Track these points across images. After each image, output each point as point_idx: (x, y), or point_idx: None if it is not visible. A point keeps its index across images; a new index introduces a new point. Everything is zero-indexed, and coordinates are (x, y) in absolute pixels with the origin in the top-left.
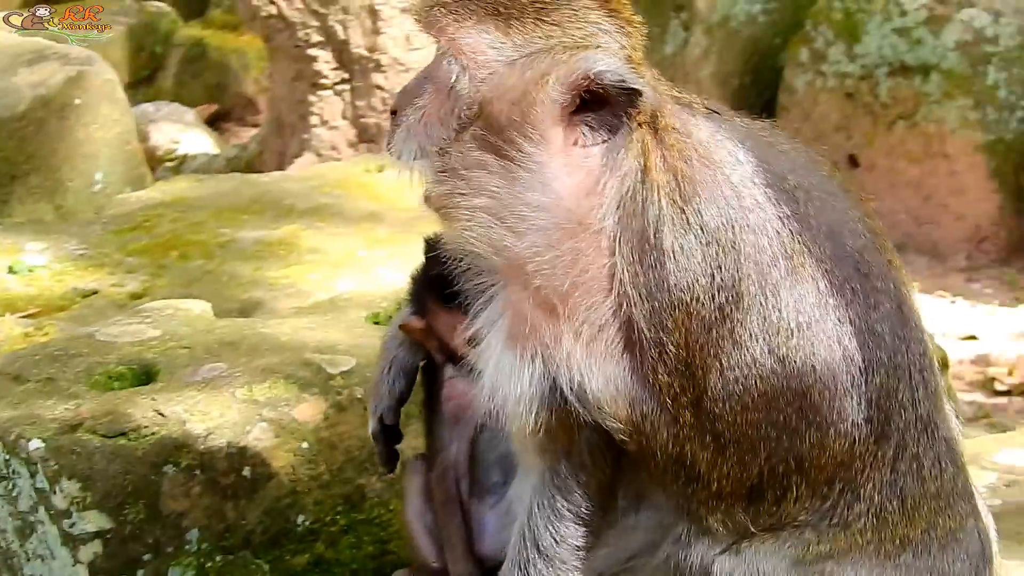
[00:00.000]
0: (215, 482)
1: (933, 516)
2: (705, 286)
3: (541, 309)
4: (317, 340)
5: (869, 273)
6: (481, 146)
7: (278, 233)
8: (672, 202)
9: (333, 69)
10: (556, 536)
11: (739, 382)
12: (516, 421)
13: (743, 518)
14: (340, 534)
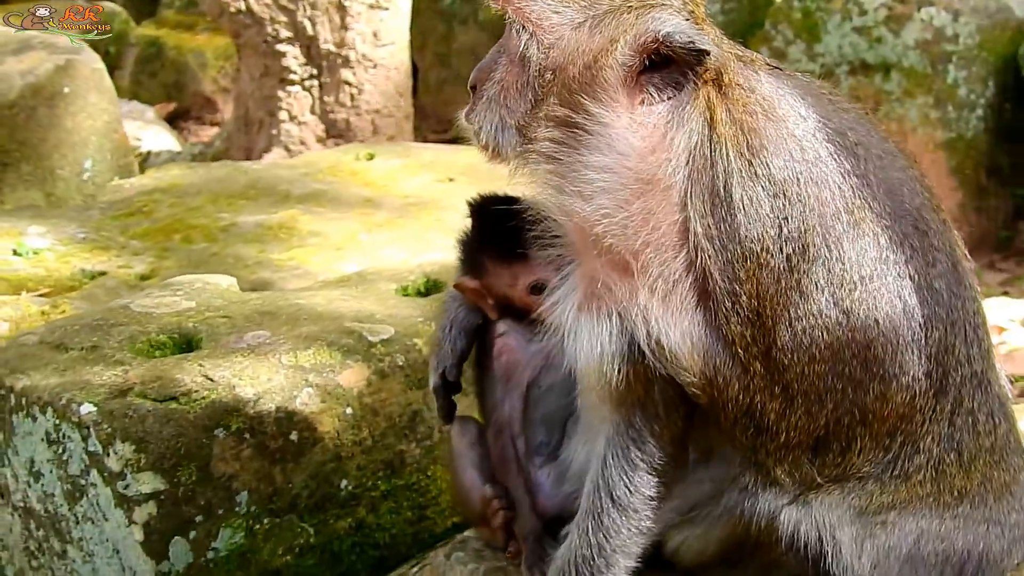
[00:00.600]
0: (264, 446)
1: (988, 469)
2: (773, 237)
3: (615, 269)
4: (354, 310)
5: (927, 231)
6: (555, 113)
7: (277, 217)
8: (740, 155)
9: (302, 65)
10: (630, 486)
11: (806, 333)
12: (595, 378)
13: (809, 469)
14: (381, 499)
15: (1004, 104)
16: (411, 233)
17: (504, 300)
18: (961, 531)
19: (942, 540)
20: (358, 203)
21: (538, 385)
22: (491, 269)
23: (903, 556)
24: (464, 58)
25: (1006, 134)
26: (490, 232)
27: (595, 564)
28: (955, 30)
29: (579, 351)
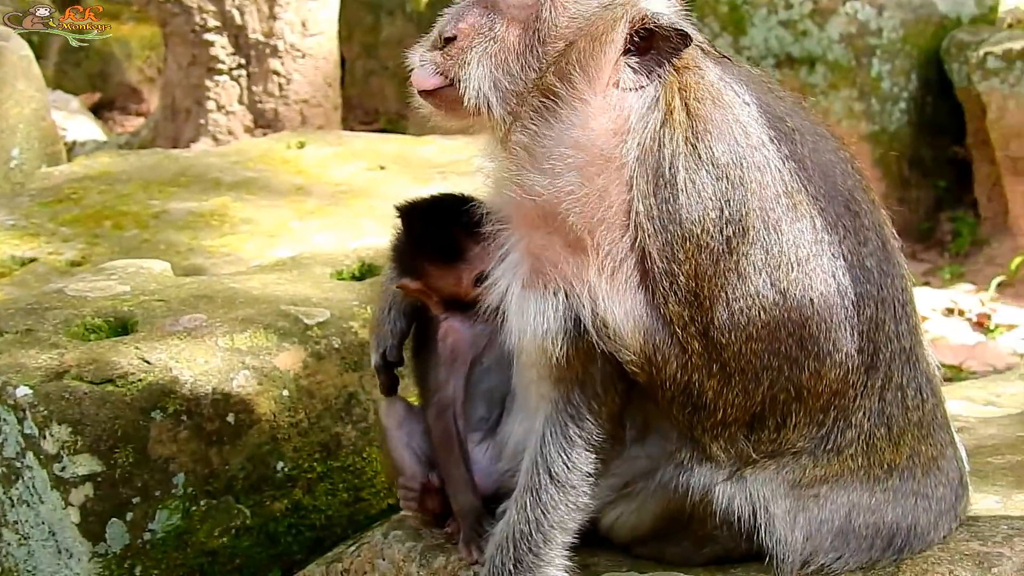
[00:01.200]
0: (201, 428)
1: (916, 443)
2: (714, 219)
3: (567, 246)
4: (289, 294)
5: (858, 211)
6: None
7: (208, 205)
8: (686, 139)
9: (230, 54)
10: (568, 462)
11: (744, 313)
12: (537, 355)
13: (745, 445)
14: (317, 481)
15: (927, 97)
16: (343, 220)
17: (450, 297)
18: (891, 504)
19: (872, 513)
20: (289, 191)
21: (480, 362)
22: (432, 272)
23: (835, 529)
24: (391, 49)
25: (928, 127)
26: (426, 238)
27: (533, 539)
28: (879, 24)
29: (523, 327)
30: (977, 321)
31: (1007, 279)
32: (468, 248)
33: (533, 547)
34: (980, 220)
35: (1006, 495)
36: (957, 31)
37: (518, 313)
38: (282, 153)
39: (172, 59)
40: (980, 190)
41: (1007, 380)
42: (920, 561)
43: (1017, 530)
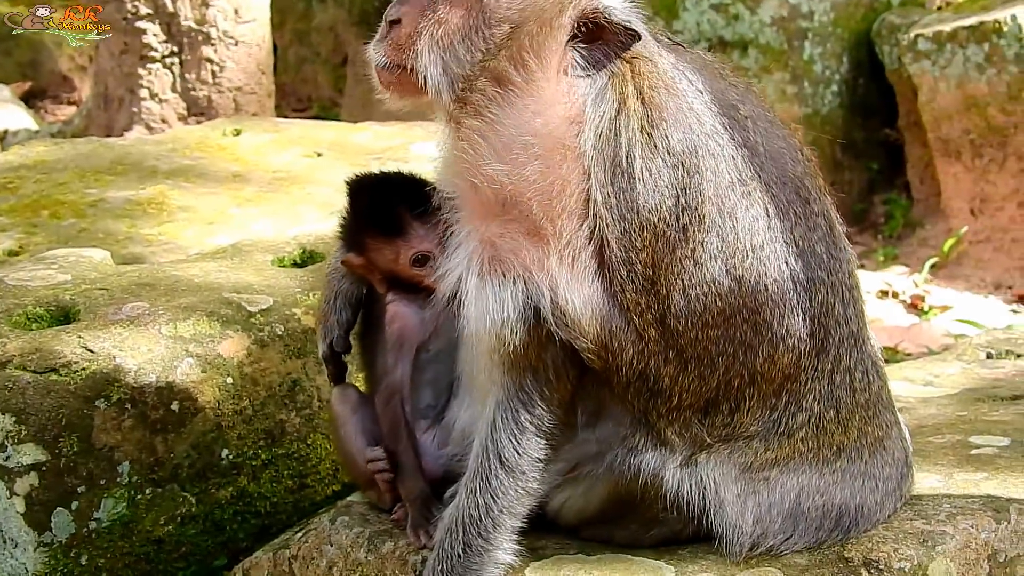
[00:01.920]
0: (145, 416)
1: (863, 425)
2: (670, 207)
3: (526, 234)
4: (231, 281)
5: (808, 197)
6: (498, 68)
7: (146, 193)
8: (642, 128)
9: (162, 42)
10: (518, 448)
11: (700, 300)
12: (491, 342)
13: (699, 430)
14: (261, 468)
15: (858, 80)
16: (282, 207)
17: (390, 274)
18: (839, 485)
19: (821, 495)
20: (227, 178)
21: (427, 349)
22: (373, 246)
23: (784, 511)
24: (323, 36)
25: (860, 109)
26: (369, 210)
27: (482, 524)
28: (810, 7)
29: (479, 316)
30: (911, 303)
31: (940, 260)
32: (409, 225)
33: (482, 532)
34: (913, 202)
35: (947, 474)
36: (888, 13)
37: (475, 301)
38: (218, 140)
39: (104, 47)
40: (912, 172)
41: (944, 361)
42: (865, 540)
43: (959, 509)
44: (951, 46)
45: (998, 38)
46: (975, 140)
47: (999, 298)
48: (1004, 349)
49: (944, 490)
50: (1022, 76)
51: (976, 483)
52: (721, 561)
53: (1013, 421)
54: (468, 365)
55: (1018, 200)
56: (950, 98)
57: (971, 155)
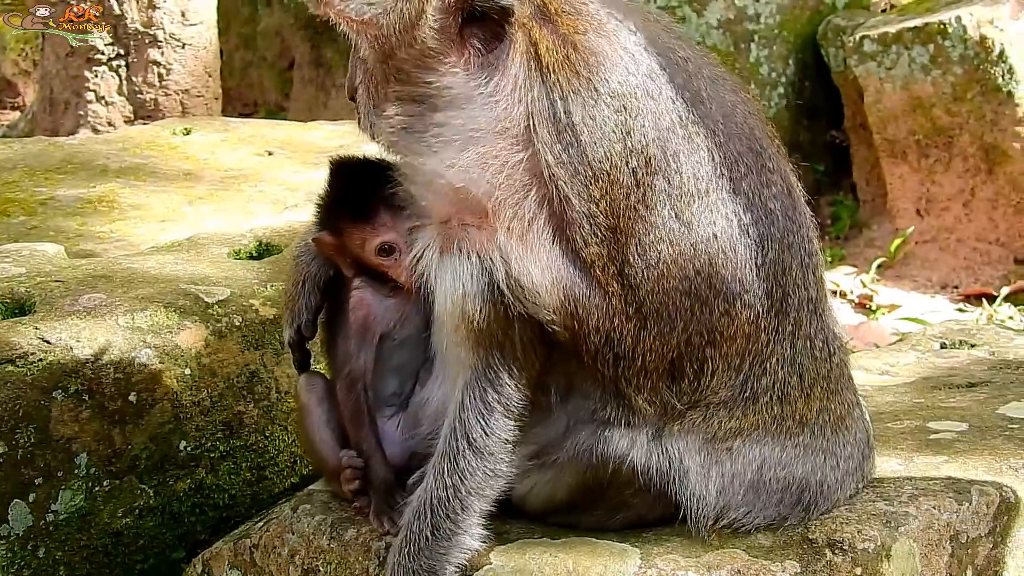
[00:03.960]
0: (103, 407)
1: (826, 398)
2: (619, 152)
3: (472, 216)
4: (188, 273)
5: (761, 152)
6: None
7: (97, 191)
8: (576, 74)
9: (108, 44)
10: (487, 428)
11: (654, 247)
12: (456, 319)
13: (668, 395)
14: (220, 460)
15: (804, 82)
16: (234, 204)
17: (357, 260)
18: (801, 460)
19: (783, 467)
20: (178, 176)
21: (392, 337)
22: (345, 228)
23: (747, 483)
24: (269, 40)
25: (806, 111)
26: (343, 192)
27: (450, 506)
28: (756, 10)
29: (441, 291)
30: (859, 303)
31: (887, 261)
32: (378, 214)
33: (450, 513)
34: (859, 203)
35: (908, 458)
36: (833, 16)
37: (438, 278)
38: (168, 140)
39: (50, 50)
40: (859, 173)
41: (900, 351)
42: (829, 521)
43: (921, 490)
44: (896, 48)
45: (943, 39)
46: (921, 141)
47: (945, 297)
48: (958, 339)
49: (905, 473)
50: (967, 77)
51: (937, 466)
52: (686, 543)
53: (970, 407)
54: (440, 345)
55: (963, 200)
56: (896, 99)
57: (917, 156)
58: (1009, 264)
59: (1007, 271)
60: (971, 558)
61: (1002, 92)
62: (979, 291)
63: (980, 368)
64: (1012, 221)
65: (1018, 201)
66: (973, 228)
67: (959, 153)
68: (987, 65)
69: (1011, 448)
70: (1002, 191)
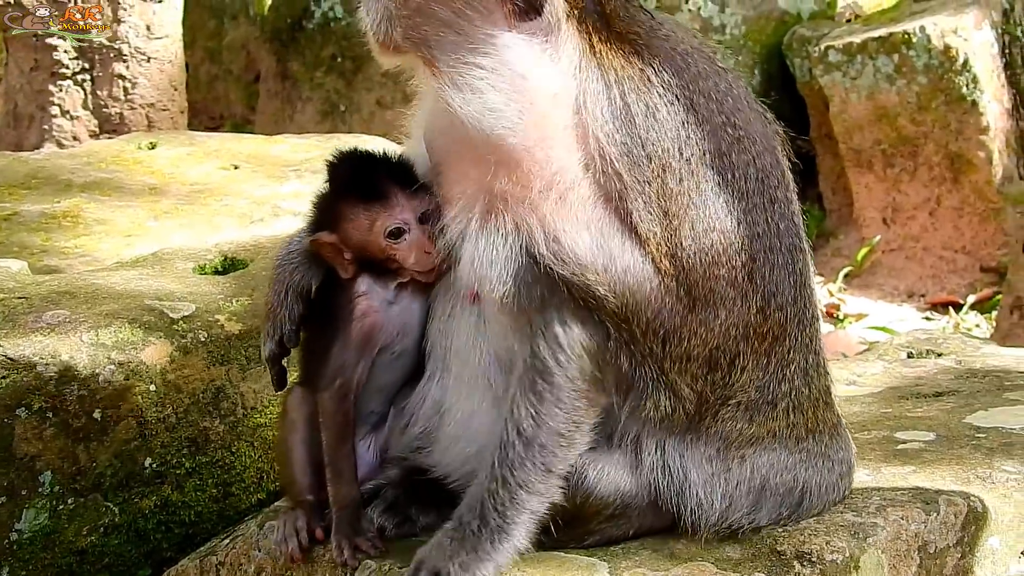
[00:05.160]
0: (67, 424)
1: (825, 409)
2: (673, 139)
3: (508, 169)
4: (153, 288)
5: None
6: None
7: (62, 206)
8: (630, 63)
9: (73, 59)
10: (536, 418)
11: (707, 235)
12: (492, 292)
13: (703, 384)
14: (185, 476)
15: (770, 92)
16: (200, 219)
17: (362, 250)
18: (804, 464)
19: (790, 471)
20: (143, 191)
21: (391, 351)
22: (348, 215)
23: (754, 488)
24: (235, 53)
25: None
26: (350, 177)
27: (499, 497)
28: (722, 20)
29: (478, 270)
30: (827, 312)
31: (854, 270)
32: (392, 192)
33: (498, 506)
34: (826, 212)
35: (875, 468)
36: (798, 26)
37: (474, 253)
38: (133, 154)
39: (14, 64)
40: (825, 183)
41: (867, 361)
42: (796, 533)
43: (889, 501)
44: (861, 57)
45: (907, 49)
46: (886, 150)
47: (912, 306)
48: (924, 348)
49: (873, 483)
50: (931, 86)
51: (904, 476)
52: (654, 556)
53: (937, 417)
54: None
55: (929, 209)
56: (861, 109)
57: (883, 165)
58: (975, 272)
59: (973, 279)
60: (939, 568)
61: (966, 101)
62: (946, 299)
63: (947, 377)
64: (978, 229)
65: (983, 209)
66: (939, 237)
67: (924, 162)
68: (951, 75)
69: (978, 457)
70: (967, 200)
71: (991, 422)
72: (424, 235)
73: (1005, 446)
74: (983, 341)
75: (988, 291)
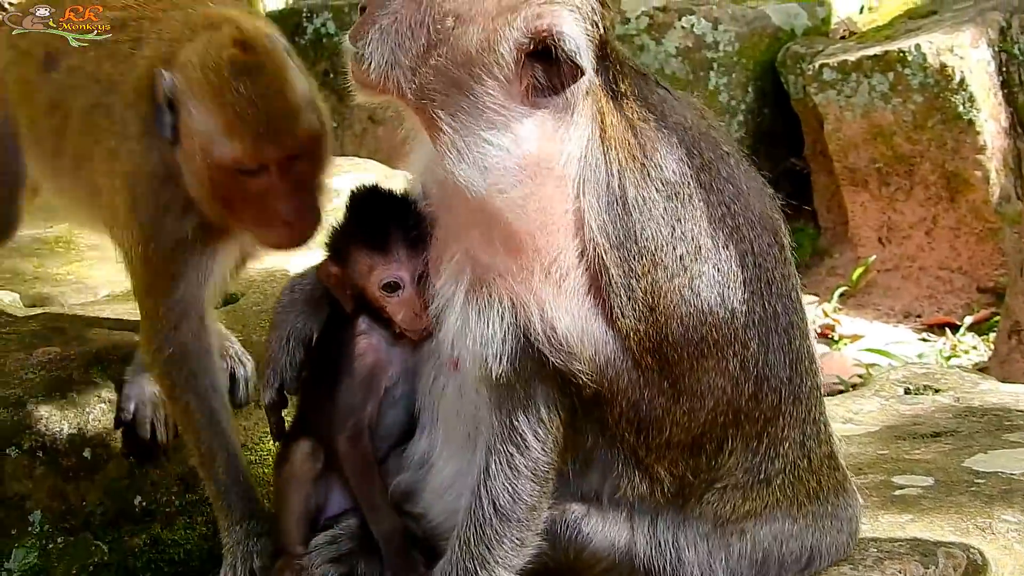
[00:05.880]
0: (57, 463)
1: (829, 472)
2: (667, 236)
3: (508, 250)
4: None
5: (783, 244)
6: (448, 70)
7: (54, 231)
8: (633, 157)
9: None
10: (514, 494)
11: (698, 330)
12: (479, 372)
13: (685, 469)
14: (175, 515)
15: (763, 109)
16: None
17: (359, 293)
18: (811, 529)
19: (795, 539)
20: None
21: (393, 394)
22: (352, 255)
23: (758, 560)
24: None
25: (766, 138)
26: (361, 219)
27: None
28: (715, 38)
29: (465, 339)
30: (821, 332)
31: (849, 290)
32: (394, 246)
33: None
34: (820, 231)
35: (873, 516)
36: (792, 43)
37: (460, 324)
38: None
39: None
40: (819, 201)
41: (863, 397)
42: None
43: (887, 553)
44: (856, 75)
45: (902, 67)
46: (882, 169)
47: (908, 327)
48: (922, 384)
49: (870, 533)
50: (927, 105)
51: (902, 525)
52: None
53: (934, 460)
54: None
55: (925, 228)
56: (856, 127)
57: (878, 184)
58: (972, 292)
59: (970, 299)
60: None
61: (963, 120)
62: (942, 320)
63: (945, 416)
64: (974, 249)
65: (980, 229)
66: (935, 256)
67: (920, 181)
68: (947, 93)
69: (978, 506)
70: (964, 219)
71: (990, 466)
72: (418, 296)
73: (1005, 493)
74: (981, 376)
75: (985, 312)
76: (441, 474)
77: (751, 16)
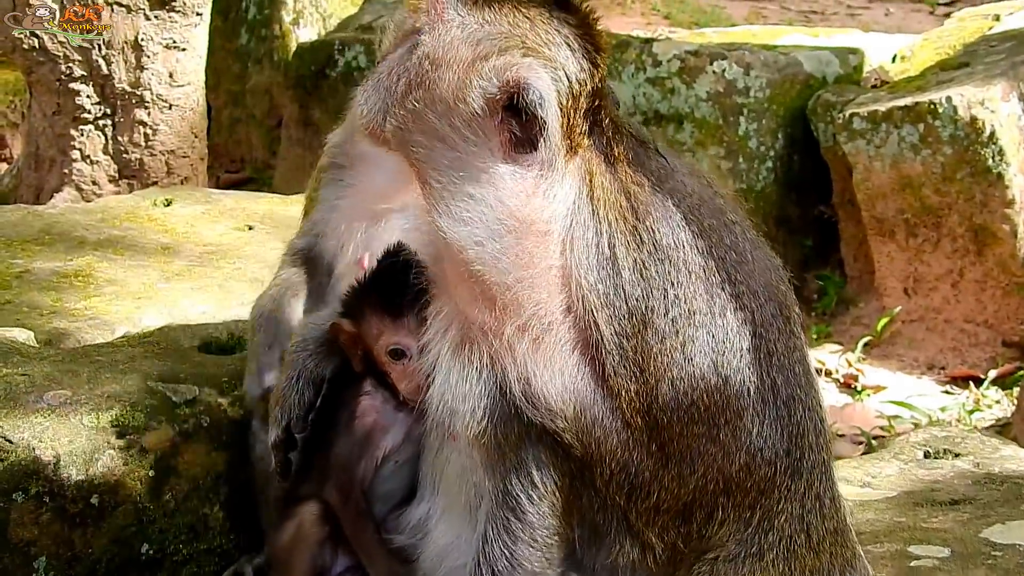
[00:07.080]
0: (63, 510)
1: (834, 548)
2: (659, 299)
3: (485, 304)
4: (157, 369)
5: (789, 317)
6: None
7: (74, 265)
8: (624, 219)
9: (95, 104)
10: (512, 560)
11: (688, 395)
12: (465, 428)
13: (676, 537)
14: (183, 563)
15: (793, 156)
16: (212, 282)
17: (368, 354)
18: None
19: None
20: (156, 250)
21: (395, 459)
22: (366, 316)
23: None
24: (258, 98)
25: (795, 185)
26: (380, 282)
27: None
28: (746, 83)
29: (448, 396)
30: (844, 382)
31: (873, 340)
32: (406, 315)
33: None
34: (847, 279)
35: None
36: (823, 91)
37: (444, 379)
38: (148, 211)
39: (37, 108)
40: (846, 249)
41: (882, 460)
42: None
43: None
44: (886, 126)
45: (933, 119)
46: (909, 220)
47: (932, 379)
48: (942, 448)
49: None
50: (956, 157)
51: None
52: None
53: (952, 530)
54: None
55: (951, 281)
56: (885, 177)
57: (905, 234)
58: (997, 346)
59: (994, 353)
60: None
61: (992, 173)
62: (966, 373)
63: (964, 483)
64: (1000, 303)
65: (1007, 283)
66: (961, 309)
67: (948, 233)
68: (977, 146)
69: None
70: (991, 273)
71: (1009, 538)
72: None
73: (1021, 568)
74: (1002, 441)
75: (1010, 366)
76: (438, 541)
77: (783, 63)
